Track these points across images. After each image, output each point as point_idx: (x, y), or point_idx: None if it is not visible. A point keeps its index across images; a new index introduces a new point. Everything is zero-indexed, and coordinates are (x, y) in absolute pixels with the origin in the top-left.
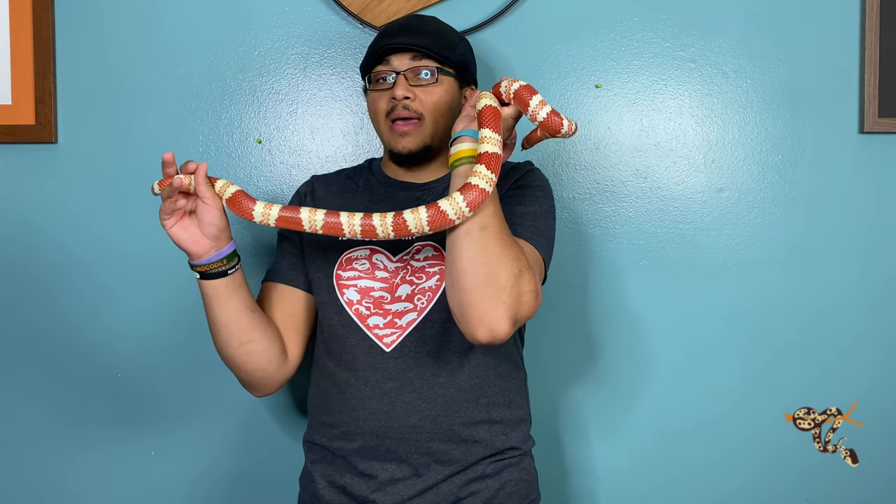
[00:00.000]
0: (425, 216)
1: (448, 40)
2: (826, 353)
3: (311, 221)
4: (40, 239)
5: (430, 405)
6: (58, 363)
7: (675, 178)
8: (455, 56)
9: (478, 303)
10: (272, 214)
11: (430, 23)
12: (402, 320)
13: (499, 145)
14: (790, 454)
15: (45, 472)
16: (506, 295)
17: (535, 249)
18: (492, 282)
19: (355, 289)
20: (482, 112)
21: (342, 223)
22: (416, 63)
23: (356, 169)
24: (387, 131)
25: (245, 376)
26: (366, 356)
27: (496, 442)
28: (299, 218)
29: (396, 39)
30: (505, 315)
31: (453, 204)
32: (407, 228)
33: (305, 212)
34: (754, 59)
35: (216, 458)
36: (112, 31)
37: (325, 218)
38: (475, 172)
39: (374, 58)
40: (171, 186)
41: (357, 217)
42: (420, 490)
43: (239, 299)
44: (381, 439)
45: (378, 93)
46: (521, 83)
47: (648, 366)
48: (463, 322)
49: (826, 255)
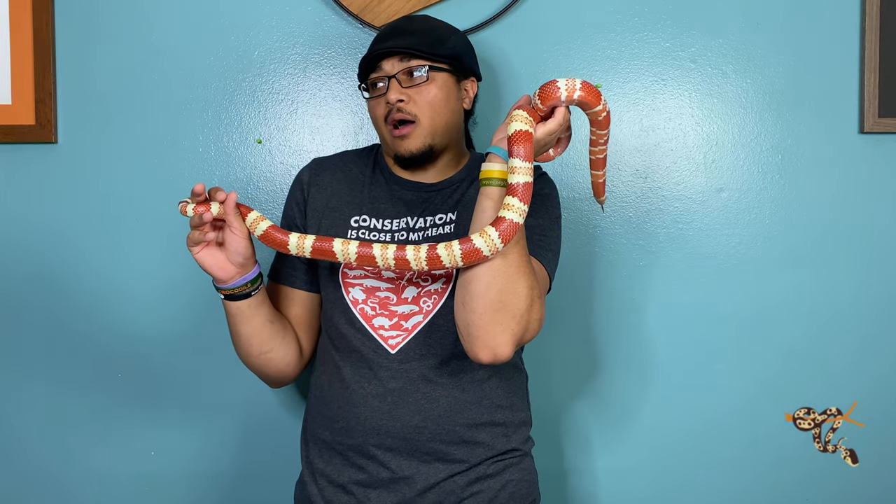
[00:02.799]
0: (459, 252)
1: (437, 36)
2: (826, 353)
3: (344, 253)
4: (40, 239)
5: (434, 406)
6: (57, 363)
7: (675, 178)
8: (445, 50)
9: (486, 326)
10: (307, 246)
11: (420, 21)
12: (408, 323)
13: (530, 174)
14: (790, 454)
15: (46, 472)
16: (514, 323)
17: (542, 266)
18: (503, 308)
19: (361, 288)
20: (512, 139)
21: (375, 256)
22: (406, 64)
23: (361, 154)
24: (388, 136)
25: (264, 377)
26: (370, 356)
27: (498, 444)
28: (333, 250)
29: (385, 44)
30: (510, 340)
31: (487, 240)
32: (441, 263)
33: (338, 243)
34: (754, 59)
35: (216, 458)
36: (112, 32)
37: (359, 249)
38: (507, 206)
39: (367, 66)
40: (201, 218)
41: (390, 250)
42: (422, 489)
43: (261, 315)
44: (383, 437)
45: (375, 100)
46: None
47: (648, 366)
48: (467, 341)
49: (826, 255)
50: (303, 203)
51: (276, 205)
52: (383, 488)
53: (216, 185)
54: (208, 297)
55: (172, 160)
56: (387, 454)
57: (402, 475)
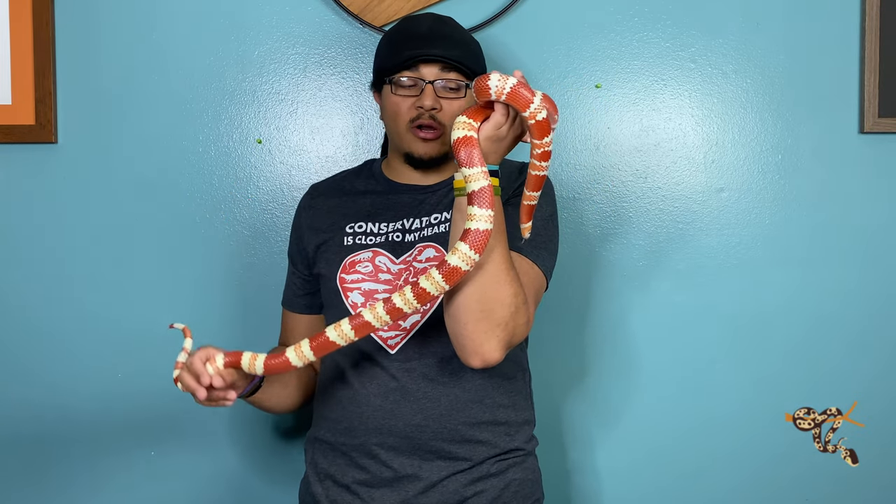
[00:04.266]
0: (440, 277)
1: (473, 52)
2: (826, 353)
3: (341, 336)
4: (40, 239)
5: (435, 405)
6: (57, 363)
7: (675, 178)
8: (479, 69)
9: (472, 335)
10: (306, 352)
11: (457, 30)
12: (406, 322)
13: (483, 177)
14: (790, 454)
15: (45, 472)
16: (500, 330)
17: (534, 266)
18: (486, 318)
19: (359, 292)
20: (455, 147)
21: (369, 320)
22: (447, 75)
23: (356, 171)
24: (406, 134)
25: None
26: (371, 357)
27: (501, 442)
28: (330, 340)
29: (430, 50)
30: (498, 346)
31: (461, 255)
32: (430, 294)
33: (331, 330)
34: (754, 59)
35: (219, 458)
36: (112, 32)
37: (353, 323)
38: (471, 216)
39: (401, 62)
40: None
41: (379, 306)
42: (424, 488)
43: (277, 387)
44: (385, 437)
45: (401, 97)
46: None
47: (649, 365)
48: (457, 348)
49: (826, 254)
50: (300, 228)
51: (276, 205)
52: (387, 487)
53: (216, 184)
54: (208, 296)
55: (172, 160)
56: (389, 453)
57: (405, 474)
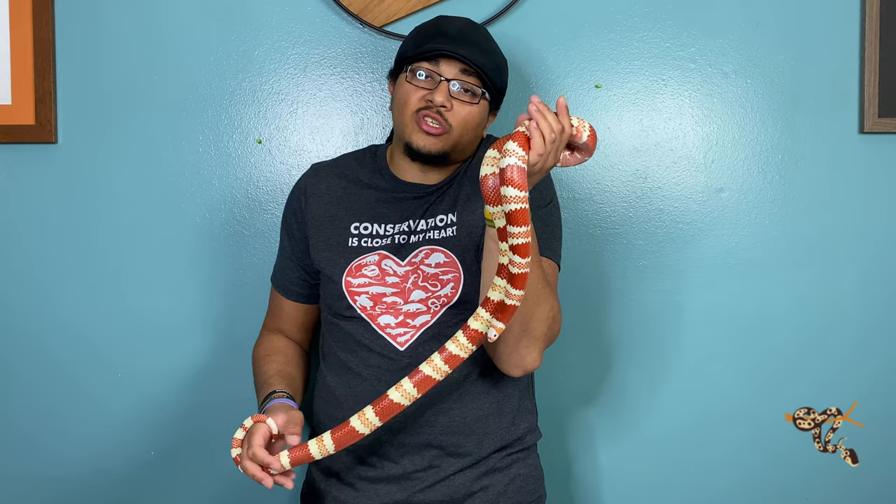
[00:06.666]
0: (466, 340)
1: (498, 63)
2: (826, 353)
3: (364, 423)
4: (39, 239)
5: (443, 398)
6: (56, 362)
7: (675, 178)
8: (500, 82)
9: (514, 352)
10: (328, 444)
11: (487, 40)
12: (416, 321)
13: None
14: (790, 454)
15: (46, 472)
16: (540, 343)
17: (551, 262)
18: (527, 335)
19: (367, 296)
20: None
21: (395, 399)
22: (466, 78)
23: (359, 158)
24: (410, 124)
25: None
26: (380, 355)
27: (506, 434)
28: (356, 431)
29: (456, 49)
30: (539, 357)
31: (481, 321)
32: (459, 357)
33: (355, 420)
34: (754, 59)
35: (219, 456)
36: (112, 32)
37: (376, 408)
38: (495, 287)
39: (424, 53)
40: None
41: (405, 384)
42: (432, 482)
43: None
44: (393, 434)
45: (413, 87)
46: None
47: (648, 365)
48: (499, 363)
49: (826, 255)
50: (300, 212)
51: (276, 205)
52: (393, 483)
53: (216, 184)
54: (208, 296)
55: (172, 160)
56: (398, 450)
57: (412, 470)
